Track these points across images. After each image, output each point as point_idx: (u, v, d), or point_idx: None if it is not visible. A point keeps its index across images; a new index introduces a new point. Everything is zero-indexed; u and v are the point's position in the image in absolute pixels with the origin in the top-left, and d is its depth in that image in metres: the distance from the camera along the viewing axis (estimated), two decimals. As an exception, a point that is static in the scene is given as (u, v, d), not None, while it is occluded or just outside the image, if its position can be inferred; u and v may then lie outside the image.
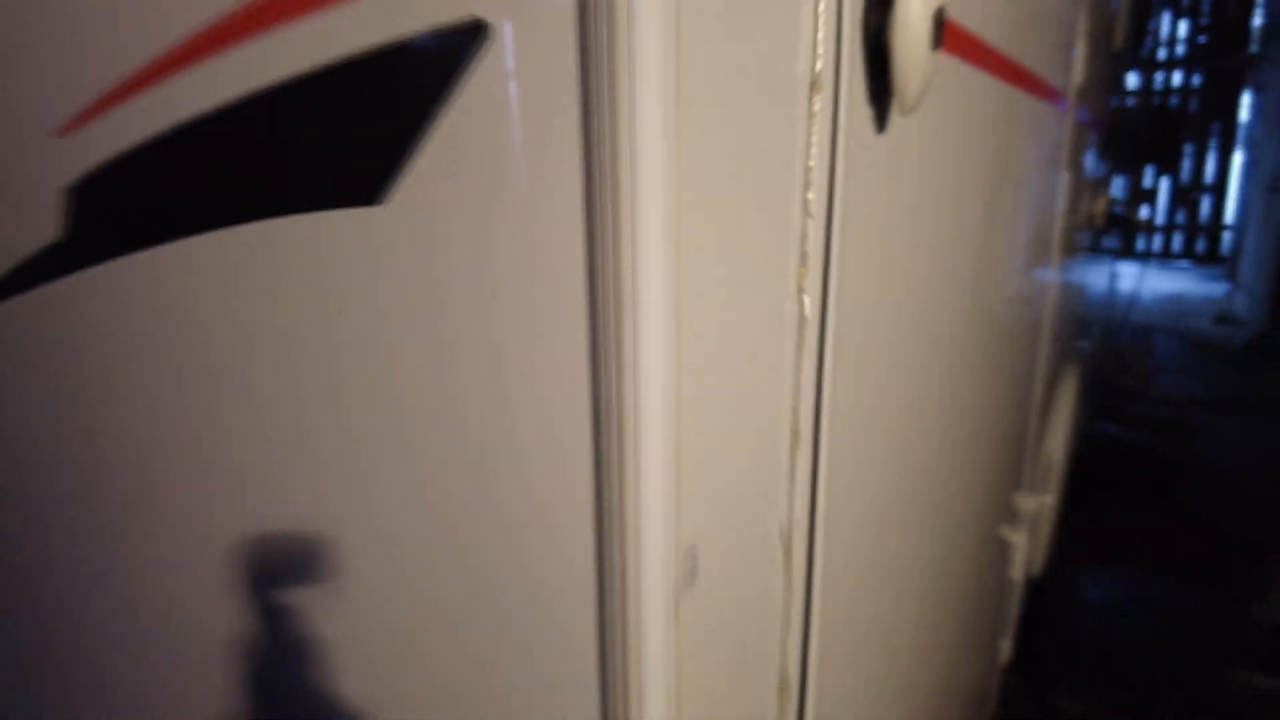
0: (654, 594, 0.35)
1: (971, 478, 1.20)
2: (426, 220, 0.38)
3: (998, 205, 1.02)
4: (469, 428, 0.41)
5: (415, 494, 0.46)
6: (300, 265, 0.43)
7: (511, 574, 0.42)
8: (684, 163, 0.32)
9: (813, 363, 0.45)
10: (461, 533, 0.44)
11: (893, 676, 0.88)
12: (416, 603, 0.50)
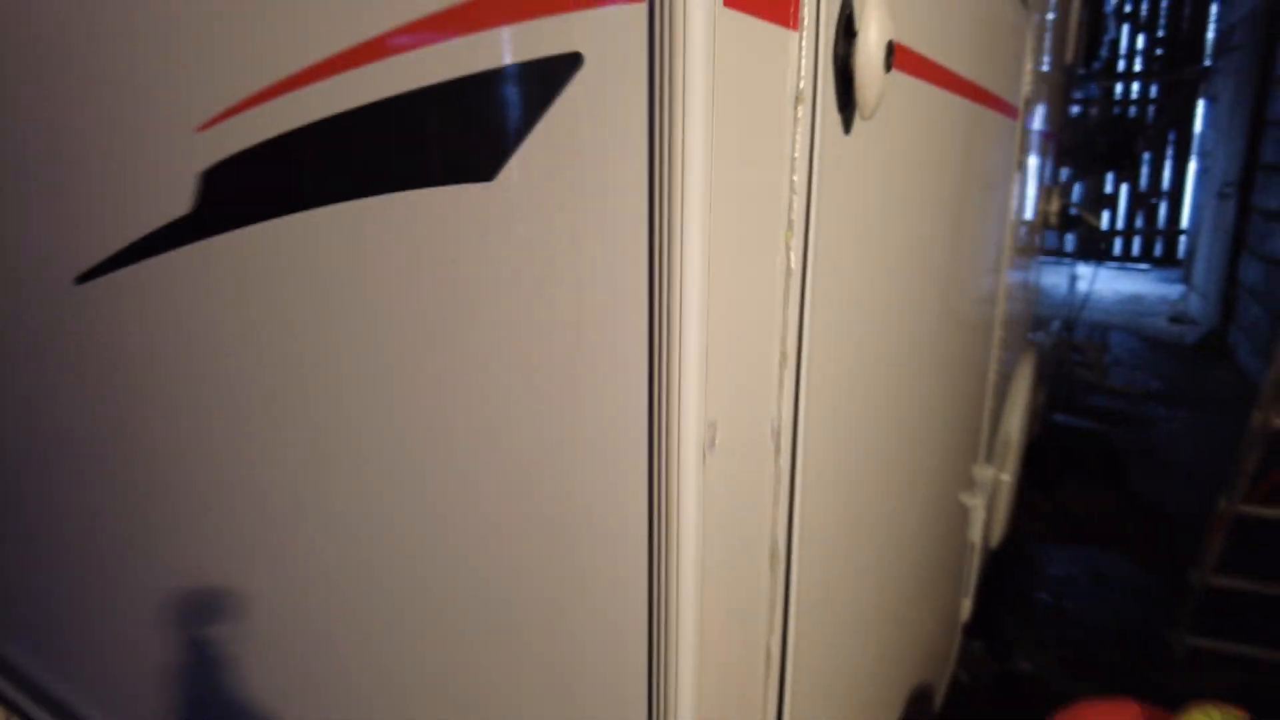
0: (690, 448, 0.50)
1: (934, 437, 1.37)
2: (526, 195, 0.53)
3: (953, 200, 1.19)
4: (551, 350, 0.56)
5: (516, 414, 0.60)
6: (424, 233, 0.57)
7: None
8: (716, 156, 0.48)
9: (796, 302, 0.61)
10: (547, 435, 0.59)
11: (865, 557, 1.04)
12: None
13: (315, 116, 0.59)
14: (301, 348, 0.72)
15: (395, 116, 0.55)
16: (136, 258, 0.81)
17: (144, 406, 0.88)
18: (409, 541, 0.69)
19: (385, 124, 0.56)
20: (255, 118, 0.65)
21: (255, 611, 0.87)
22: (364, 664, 0.79)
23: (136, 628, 1.03)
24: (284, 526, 0.80)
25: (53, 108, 0.81)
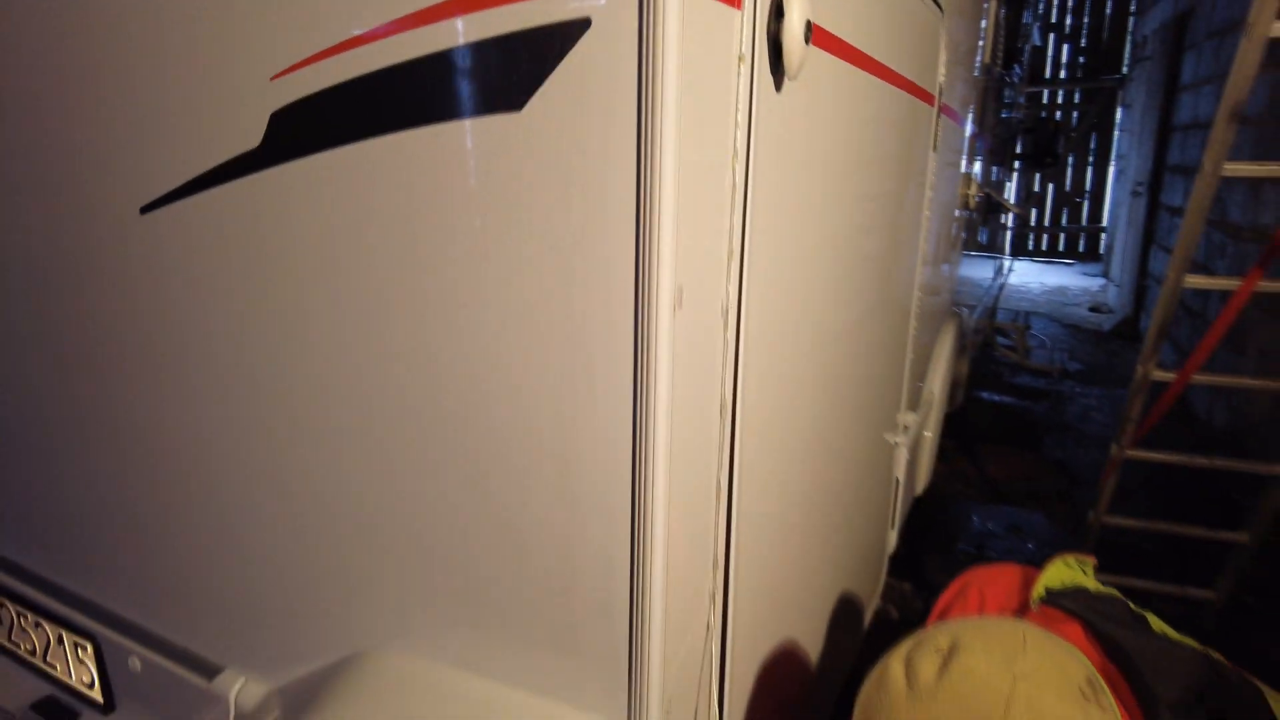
0: (665, 304, 0.71)
1: (862, 380, 1.60)
2: (546, 122, 0.72)
3: (871, 161, 1.42)
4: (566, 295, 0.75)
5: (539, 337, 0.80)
6: (464, 155, 0.76)
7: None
8: (684, 96, 0.68)
9: (740, 211, 0.82)
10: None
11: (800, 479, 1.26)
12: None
13: (376, 67, 0.77)
14: (352, 263, 0.89)
15: (444, 65, 0.74)
16: (203, 187, 0.98)
17: (202, 327, 1.05)
18: (428, 439, 0.87)
19: (436, 71, 0.74)
20: (323, 69, 0.83)
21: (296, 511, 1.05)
22: (387, 572, 0.98)
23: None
24: (334, 439, 0.96)
25: (140, 53, 0.96)
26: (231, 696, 1.20)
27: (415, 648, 1.00)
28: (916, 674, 0.79)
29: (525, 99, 0.72)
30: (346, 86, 0.83)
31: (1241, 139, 4.86)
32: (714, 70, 0.75)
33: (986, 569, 1.19)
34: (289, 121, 0.88)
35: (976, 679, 0.76)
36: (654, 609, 0.81)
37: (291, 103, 0.87)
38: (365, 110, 0.83)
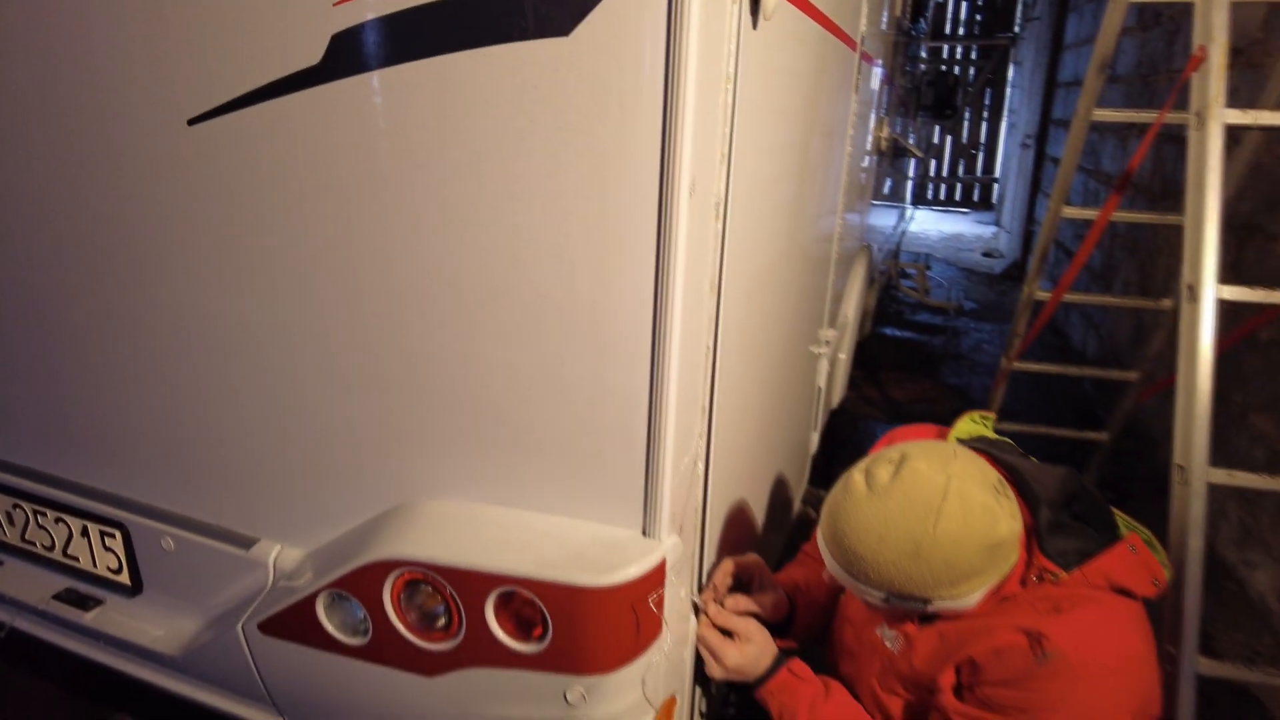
0: (685, 192, 0.93)
1: (800, 290, 1.86)
2: (590, 45, 0.91)
3: (815, 95, 1.65)
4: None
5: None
6: (519, 73, 0.94)
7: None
8: (698, 26, 0.89)
9: (729, 117, 1.04)
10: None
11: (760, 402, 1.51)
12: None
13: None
14: (405, 171, 1.05)
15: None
16: (258, 100, 1.12)
17: (245, 221, 1.18)
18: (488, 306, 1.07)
19: (499, 2, 0.92)
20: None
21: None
22: (429, 427, 1.17)
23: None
24: (387, 307, 1.11)
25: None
26: (270, 561, 1.37)
27: (452, 493, 1.20)
28: (875, 478, 1.04)
29: (573, 26, 0.91)
30: (418, 10, 0.99)
31: (1114, 94, 5.35)
32: (717, 8, 0.96)
33: (909, 427, 1.44)
34: (350, 42, 1.03)
35: (921, 478, 1.01)
36: (668, 438, 1.04)
37: (352, 26, 1.03)
38: (429, 33, 0.99)
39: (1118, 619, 1.06)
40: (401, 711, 1.26)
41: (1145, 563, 1.11)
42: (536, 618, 1.08)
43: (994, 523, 1.00)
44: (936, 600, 1.04)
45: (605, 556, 1.06)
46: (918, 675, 1.16)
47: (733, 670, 1.22)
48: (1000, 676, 1.04)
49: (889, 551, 1.01)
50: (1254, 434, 2.91)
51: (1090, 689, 1.00)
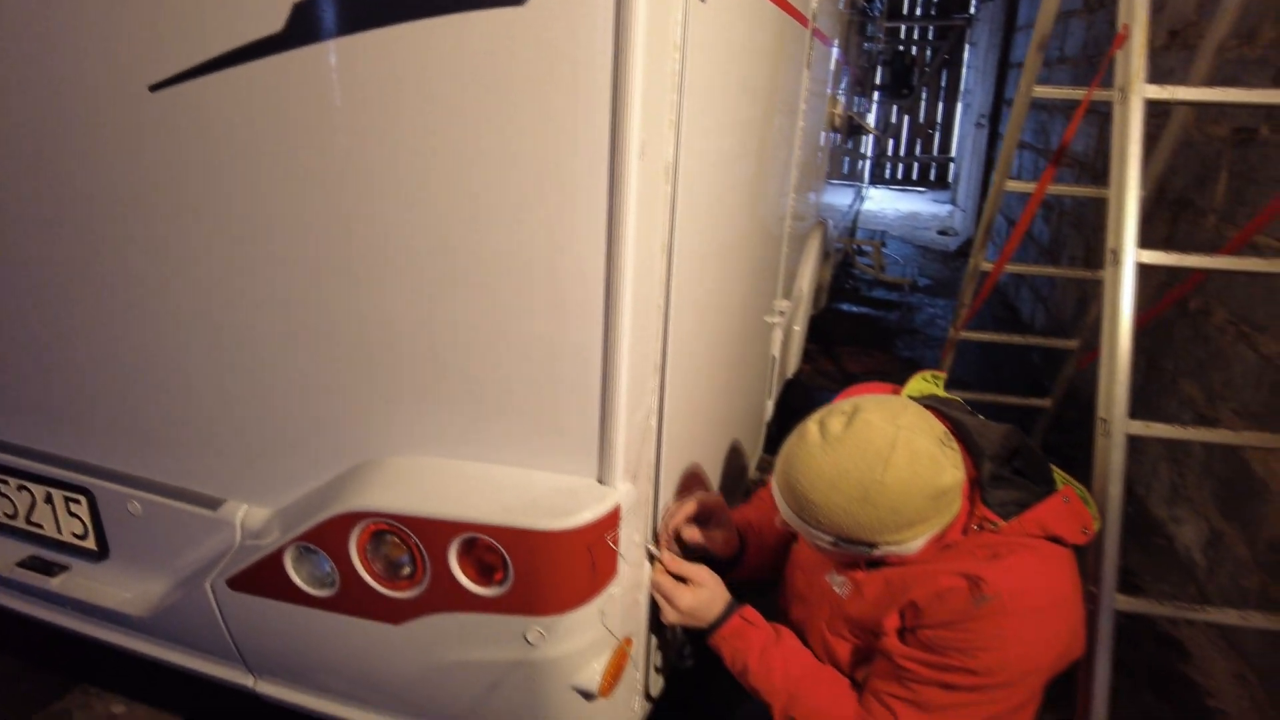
0: (634, 153, 0.98)
1: (748, 272, 1.92)
2: (545, 16, 0.96)
3: (763, 66, 1.71)
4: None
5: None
6: (475, 40, 0.98)
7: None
8: (647, 4, 0.94)
9: (677, 81, 1.09)
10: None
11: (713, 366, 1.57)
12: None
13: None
14: (364, 137, 1.09)
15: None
16: (221, 67, 1.14)
17: (205, 187, 1.21)
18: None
19: None
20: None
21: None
22: (393, 386, 1.22)
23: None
24: (354, 271, 1.15)
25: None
26: (238, 520, 1.40)
27: (415, 449, 1.25)
28: (828, 429, 1.10)
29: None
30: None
31: (1063, 74, 5.48)
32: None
33: (864, 385, 1.47)
34: (311, 11, 1.06)
35: (872, 428, 1.07)
36: (621, 391, 1.11)
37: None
38: (389, 2, 1.02)
39: (1050, 565, 1.13)
40: (369, 660, 1.31)
41: (1077, 513, 1.19)
42: (497, 563, 1.14)
43: (939, 472, 1.07)
44: (882, 545, 1.11)
45: (562, 503, 1.12)
46: (864, 619, 1.23)
47: (685, 613, 1.29)
48: (940, 619, 1.11)
49: (839, 498, 1.07)
50: (1183, 398, 3.07)
51: (1022, 628, 1.08)
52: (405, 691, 1.33)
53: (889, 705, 1.16)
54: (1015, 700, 1.13)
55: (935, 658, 1.12)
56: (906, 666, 1.15)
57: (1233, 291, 2.75)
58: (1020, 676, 1.11)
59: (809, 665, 1.28)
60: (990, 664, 1.09)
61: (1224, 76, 2.88)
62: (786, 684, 1.25)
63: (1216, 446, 2.74)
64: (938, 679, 1.12)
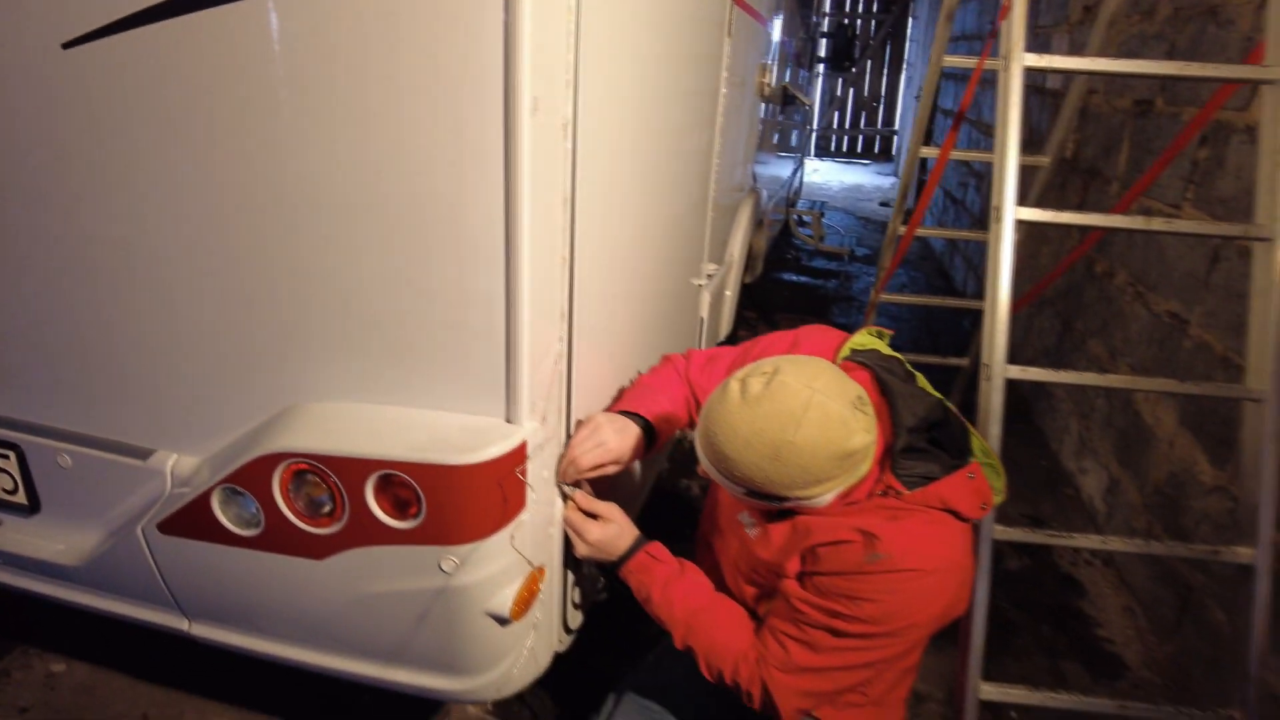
0: (526, 108, 1.05)
1: (666, 233, 2.01)
2: None
3: (668, 34, 1.79)
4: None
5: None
6: (370, 9, 1.04)
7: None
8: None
9: (573, 44, 1.16)
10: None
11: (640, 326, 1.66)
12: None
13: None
14: (272, 95, 1.15)
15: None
16: (134, 25, 1.18)
17: (124, 156, 1.25)
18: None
19: None
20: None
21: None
22: (314, 335, 1.28)
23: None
24: (271, 226, 1.22)
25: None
26: (168, 469, 1.46)
27: (334, 396, 1.32)
28: (748, 388, 1.15)
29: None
30: None
31: (992, 48, 5.61)
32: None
33: (817, 327, 1.54)
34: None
35: (788, 390, 1.12)
36: (524, 336, 1.19)
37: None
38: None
39: (942, 533, 1.21)
40: (295, 596, 1.39)
41: (978, 489, 1.26)
42: (411, 497, 1.22)
43: (849, 435, 1.12)
44: (792, 499, 1.17)
45: (470, 440, 1.20)
46: (769, 561, 1.31)
47: (595, 545, 1.39)
48: (834, 567, 1.20)
49: (753, 455, 1.13)
50: (1090, 356, 3.26)
51: (906, 586, 1.17)
52: (331, 625, 1.41)
53: (782, 642, 1.25)
54: (897, 650, 1.22)
55: (826, 603, 1.20)
56: (801, 609, 1.23)
57: (1132, 254, 2.92)
58: (902, 630, 1.20)
59: (709, 599, 1.36)
60: (875, 614, 1.18)
61: (1127, 50, 3.04)
62: (686, 615, 1.34)
63: (1117, 401, 2.93)
64: (827, 624, 1.20)
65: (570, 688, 2.03)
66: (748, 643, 1.31)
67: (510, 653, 1.40)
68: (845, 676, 1.25)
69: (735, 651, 1.30)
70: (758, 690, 1.27)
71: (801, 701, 1.26)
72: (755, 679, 1.27)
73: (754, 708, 1.30)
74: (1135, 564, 2.67)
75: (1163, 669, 2.34)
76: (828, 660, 1.23)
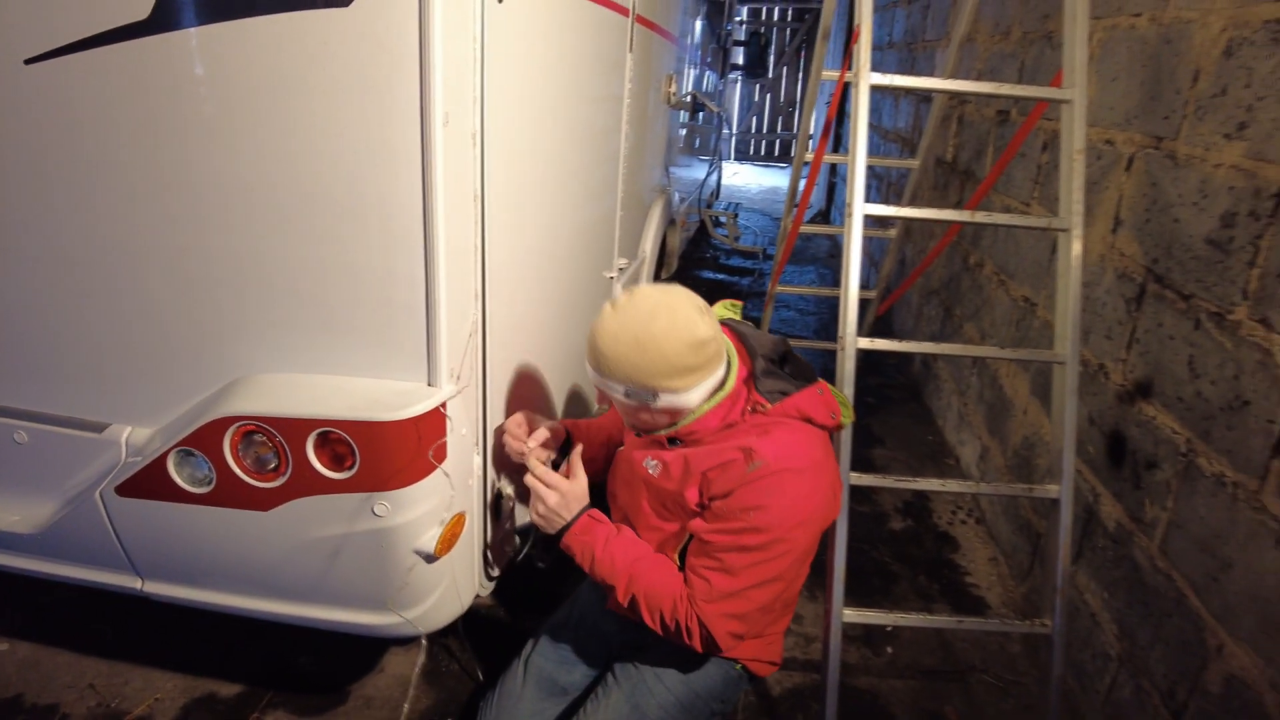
0: (438, 121, 1.28)
1: (575, 228, 2.25)
2: (365, 15, 1.24)
3: (573, 53, 2.03)
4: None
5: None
6: (305, 35, 1.25)
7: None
8: (448, 8, 1.24)
9: (479, 70, 1.40)
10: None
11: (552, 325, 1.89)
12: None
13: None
14: (225, 108, 1.35)
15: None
16: (94, 46, 1.36)
17: (86, 162, 1.42)
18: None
19: None
20: (198, -31, 1.27)
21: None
22: (256, 314, 1.47)
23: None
24: (219, 219, 1.41)
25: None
26: (123, 440, 1.63)
27: (277, 368, 1.52)
28: (617, 302, 1.40)
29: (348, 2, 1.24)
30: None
31: (891, 59, 6.03)
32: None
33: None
34: (175, 1, 1.30)
35: (645, 296, 1.38)
36: (442, 310, 1.41)
37: (173, -11, 1.30)
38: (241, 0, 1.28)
39: (804, 437, 1.45)
40: (244, 545, 1.58)
41: (827, 402, 1.52)
42: (347, 452, 1.44)
43: (695, 325, 1.36)
44: (662, 392, 1.38)
45: (397, 400, 1.42)
46: (672, 493, 1.50)
47: (550, 508, 1.54)
48: (725, 487, 1.40)
49: (621, 347, 1.36)
50: (966, 339, 3.63)
51: (785, 485, 1.38)
52: (276, 572, 1.61)
53: (704, 576, 1.40)
54: (795, 554, 1.39)
55: (728, 524, 1.38)
56: (710, 539, 1.40)
57: (996, 247, 3.30)
58: (792, 529, 1.37)
59: (644, 551, 1.54)
60: (768, 521, 1.35)
61: (991, 66, 3.42)
62: (627, 566, 1.48)
63: (986, 378, 3.30)
64: (735, 543, 1.37)
65: (498, 644, 2.26)
66: (679, 584, 1.45)
67: (437, 588, 1.62)
68: (760, 593, 1.40)
69: (672, 592, 1.44)
70: (695, 625, 1.40)
71: (730, 625, 1.40)
72: (691, 615, 1.41)
73: (695, 647, 1.43)
74: (1000, 519, 3.03)
75: (1017, 606, 2.69)
76: (743, 580, 1.38)
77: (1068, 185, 1.90)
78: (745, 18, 10.73)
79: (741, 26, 10.32)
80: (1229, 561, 1.61)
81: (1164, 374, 1.88)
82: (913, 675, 2.32)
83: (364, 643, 2.24)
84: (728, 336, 1.50)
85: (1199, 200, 1.79)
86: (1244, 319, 1.61)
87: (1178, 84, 1.89)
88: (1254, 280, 1.59)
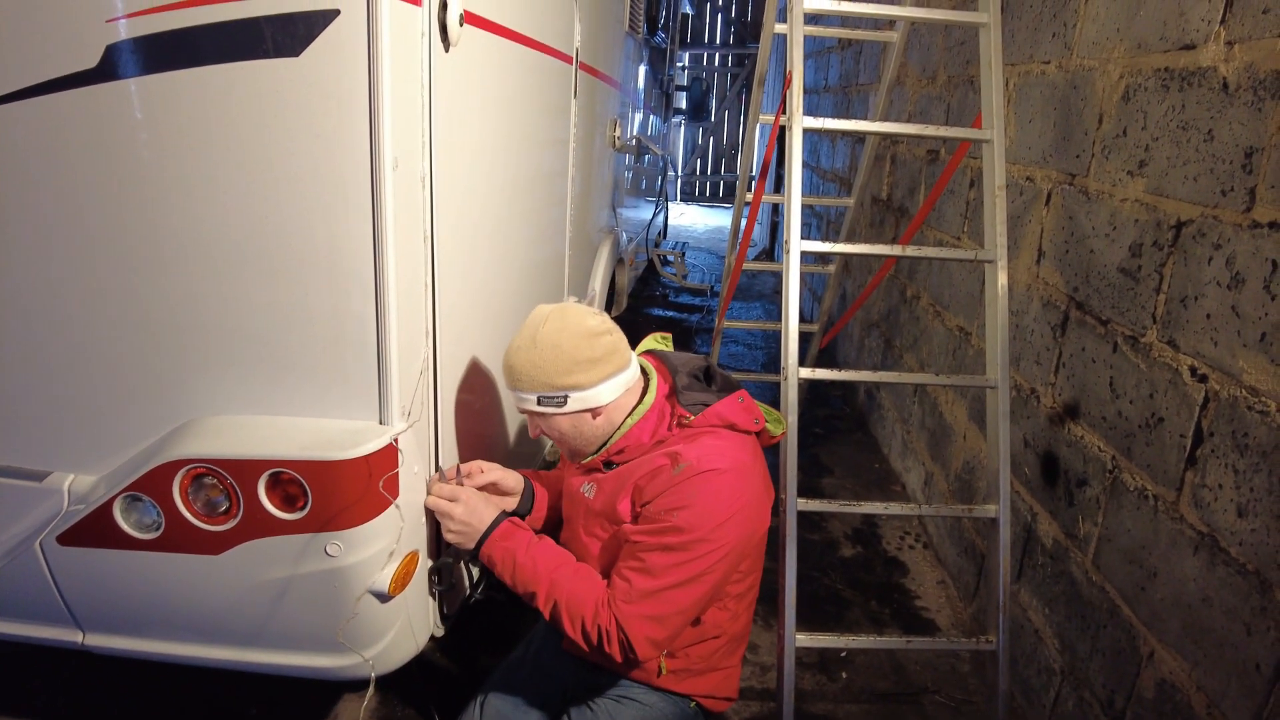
0: (388, 165, 1.33)
1: (524, 268, 2.30)
2: (316, 64, 1.28)
3: (519, 101, 2.10)
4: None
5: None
6: (258, 82, 1.28)
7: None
8: (395, 51, 1.29)
9: (427, 114, 1.45)
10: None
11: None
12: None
13: (196, 23, 1.27)
14: (175, 155, 1.36)
15: (255, 26, 1.26)
16: (39, 94, 1.37)
17: (31, 205, 1.42)
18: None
19: (249, 29, 1.26)
20: (149, 20, 1.30)
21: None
22: (208, 357, 1.47)
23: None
24: (170, 265, 1.41)
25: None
26: (65, 487, 1.60)
27: (229, 410, 1.52)
28: (523, 326, 1.50)
29: (302, 50, 1.28)
30: (177, 32, 1.30)
31: (827, 102, 6.25)
32: (409, 41, 1.37)
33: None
34: (121, 52, 1.33)
35: (541, 309, 1.50)
36: (393, 351, 1.44)
37: (123, 40, 1.32)
38: (189, 49, 1.31)
39: (728, 441, 1.51)
40: (194, 591, 1.56)
41: (749, 409, 1.59)
42: (298, 492, 1.44)
43: (584, 318, 1.47)
44: (570, 391, 1.46)
45: (349, 439, 1.43)
46: (606, 510, 1.54)
47: (460, 523, 1.56)
48: (654, 492, 1.45)
49: (521, 354, 1.47)
50: (905, 369, 3.75)
51: (708, 484, 1.43)
52: (227, 617, 1.59)
53: (626, 577, 1.43)
54: (716, 556, 1.41)
55: (653, 525, 1.42)
56: (636, 540, 1.44)
57: (932, 280, 3.44)
58: (714, 529, 1.40)
59: (566, 557, 1.57)
60: (690, 520, 1.39)
61: (920, 108, 3.60)
62: (549, 572, 1.50)
63: (927, 405, 3.41)
64: (658, 543, 1.41)
65: (453, 686, 2.24)
66: (602, 588, 1.48)
67: (391, 628, 1.62)
68: (679, 595, 1.41)
69: (593, 598, 1.45)
70: (614, 629, 1.41)
71: (648, 628, 1.41)
72: (610, 619, 1.41)
73: (614, 656, 1.43)
74: (946, 543, 3.11)
75: (965, 626, 2.76)
76: (663, 580, 1.40)
77: (991, 219, 2.02)
78: (687, 64, 11.04)
79: (683, 72, 10.62)
80: (1154, 570, 1.70)
81: (1089, 395, 1.99)
82: (867, 699, 2.36)
83: (316, 691, 2.20)
84: (649, 360, 1.62)
85: (1110, 232, 1.92)
86: (1154, 341, 1.73)
87: (1085, 125, 2.03)
88: (1161, 305, 1.71)
